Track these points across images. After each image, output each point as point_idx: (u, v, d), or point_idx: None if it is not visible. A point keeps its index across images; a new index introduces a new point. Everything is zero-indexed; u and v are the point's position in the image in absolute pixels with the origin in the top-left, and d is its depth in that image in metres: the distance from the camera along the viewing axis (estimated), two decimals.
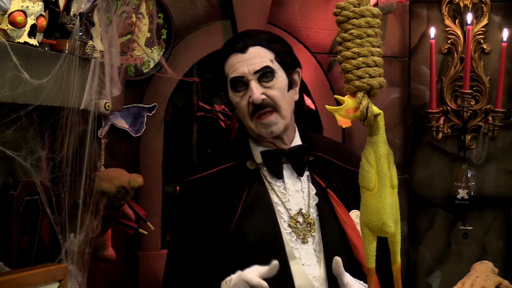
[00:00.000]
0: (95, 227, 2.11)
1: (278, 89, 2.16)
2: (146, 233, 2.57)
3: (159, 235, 2.80)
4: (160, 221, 2.80)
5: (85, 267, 2.06)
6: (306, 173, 2.22)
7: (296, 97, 2.24)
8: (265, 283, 1.93)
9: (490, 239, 3.40)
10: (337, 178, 2.23)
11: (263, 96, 2.14)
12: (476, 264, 2.68)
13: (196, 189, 2.24)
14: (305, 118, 2.35)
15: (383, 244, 1.86)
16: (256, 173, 2.21)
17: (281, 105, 2.15)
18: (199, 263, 2.13)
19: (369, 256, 1.82)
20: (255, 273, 1.96)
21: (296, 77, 2.24)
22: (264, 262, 2.03)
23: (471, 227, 3.35)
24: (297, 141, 2.25)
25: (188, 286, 2.14)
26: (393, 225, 1.78)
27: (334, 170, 2.25)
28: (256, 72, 2.15)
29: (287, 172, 2.20)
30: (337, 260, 1.97)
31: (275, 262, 1.94)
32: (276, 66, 2.17)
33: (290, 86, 2.21)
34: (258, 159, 2.22)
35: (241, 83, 2.17)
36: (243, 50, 2.17)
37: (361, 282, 2.08)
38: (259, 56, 2.16)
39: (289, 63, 2.21)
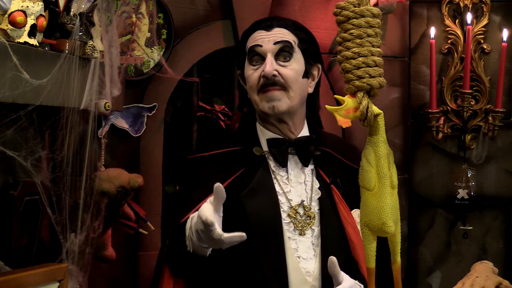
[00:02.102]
0: (96, 227, 2.11)
1: (292, 70, 2.16)
2: (146, 233, 2.57)
3: (159, 235, 2.80)
4: (160, 221, 2.80)
5: (86, 267, 2.06)
6: (311, 166, 2.21)
7: (311, 90, 2.24)
8: (210, 218, 1.79)
9: (490, 239, 3.40)
10: (342, 175, 2.22)
11: (275, 72, 2.13)
12: (476, 264, 2.68)
13: (199, 166, 2.23)
14: (317, 117, 2.34)
15: (383, 244, 1.86)
16: (261, 159, 2.20)
17: (291, 86, 2.15)
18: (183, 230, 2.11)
19: (369, 256, 1.82)
20: (209, 209, 1.84)
21: (314, 71, 2.25)
22: (263, 246, 2.07)
23: (471, 227, 3.35)
24: (305, 132, 2.24)
25: (184, 261, 2.13)
26: (393, 225, 1.78)
27: (340, 167, 2.24)
28: (275, 43, 2.16)
29: (292, 163, 2.20)
30: (333, 259, 1.95)
31: (216, 185, 1.83)
32: (296, 49, 2.18)
33: (306, 75, 2.21)
34: (265, 147, 2.21)
35: (258, 55, 2.17)
36: (268, 28, 2.19)
37: (357, 281, 2.07)
38: (282, 34, 2.18)
39: (311, 54, 2.22)
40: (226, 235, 1.83)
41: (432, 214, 3.42)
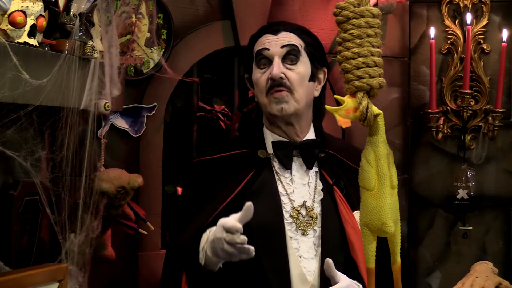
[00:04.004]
0: (95, 227, 2.11)
1: (298, 74, 2.21)
2: (146, 233, 2.57)
3: (159, 235, 2.80)
4: (160, 221, 2.80)
5: (86, 267, 2.06)
6: (315, 168, 2.24)
7: (317, 93, 2.28)
8: (238, 224, 1.91)
9: (490, 239, 3.40)
10: (346, 177, 2.24)
11: (282, 75, 2.18)
12: (476, 264, 2.68)
13: (204, 170, 2.27)
14: (322, 120, 2.37)
15: (383, 244, 1.86)
16: (266, 162, 2.23)
17: (297, 89, 2.19)
18: (198, 241, 2.13)
19: (369, 256, 1.82)
20: (231, 218, 1.94)
21: (320, 75, 2.30)
22: (264, 247, 2.08)
23: (471, 227, 3.35)
24: (310, 135, 2.28)
25: (188, 264, 2.14)
26: (393, 225, 1.78)
27: (344, 169, 2.27)
28: (282, 47, 2.20)
29: (296, 165, 2.23)
30: (328, 262, 1.99)
31: (248, 203, 1.91)
32: (303, 53, 2.23)
33: (313, 78, 2.26)
34: (270, 149, 2.25)
35: (265, 59, 2.22)
36: (275, 32, 2.24)
37: (355, 281, 2.09)
38: (289, 37, 2.23)
39: (317, 58, 2.27)
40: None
41: (432, 214, 3.42)
